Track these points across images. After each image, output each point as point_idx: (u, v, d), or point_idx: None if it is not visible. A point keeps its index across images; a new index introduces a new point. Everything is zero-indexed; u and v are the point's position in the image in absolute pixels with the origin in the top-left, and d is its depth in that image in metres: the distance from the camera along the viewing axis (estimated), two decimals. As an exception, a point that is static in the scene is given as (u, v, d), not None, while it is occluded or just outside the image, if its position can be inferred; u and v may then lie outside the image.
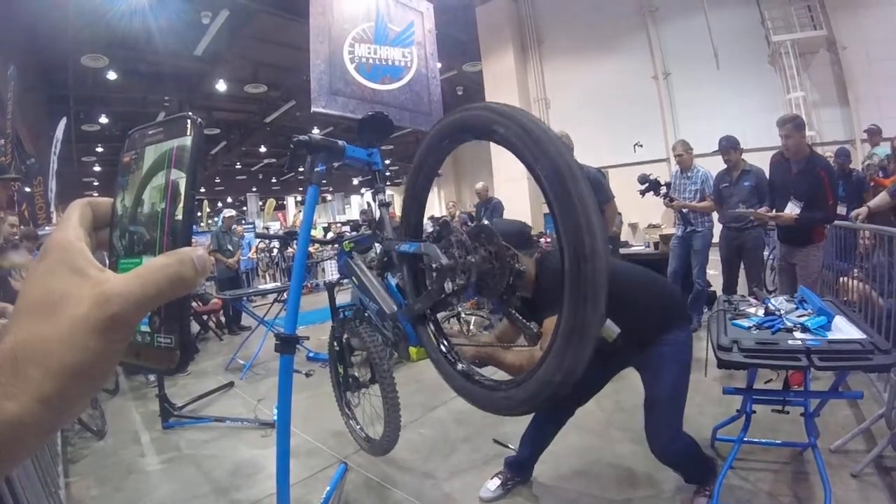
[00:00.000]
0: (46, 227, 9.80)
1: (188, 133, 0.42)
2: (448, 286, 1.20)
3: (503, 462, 2.84)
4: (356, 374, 2.95)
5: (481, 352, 1.79)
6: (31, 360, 0.31)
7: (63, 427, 3.33)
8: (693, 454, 2.46)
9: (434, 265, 1.19)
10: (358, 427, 3.02)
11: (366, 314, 2.39)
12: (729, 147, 5.10)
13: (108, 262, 0.43)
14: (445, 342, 1.36)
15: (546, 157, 0.87)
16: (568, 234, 0.85)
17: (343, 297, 3.87)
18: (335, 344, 2.86)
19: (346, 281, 2.48)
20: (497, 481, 2.76)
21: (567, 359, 0.90)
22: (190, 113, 0.44)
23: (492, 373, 1.36)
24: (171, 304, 0.38)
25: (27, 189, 11.44)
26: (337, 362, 2.91)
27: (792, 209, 4.13)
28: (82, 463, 3.51)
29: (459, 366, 1.30)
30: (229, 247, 7.67)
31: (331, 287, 3.07)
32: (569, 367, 0.90)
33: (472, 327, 5.29)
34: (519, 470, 2.79)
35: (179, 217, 0.40)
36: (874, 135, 7.34)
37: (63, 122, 12.34)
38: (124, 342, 0.35)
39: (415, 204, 1.40)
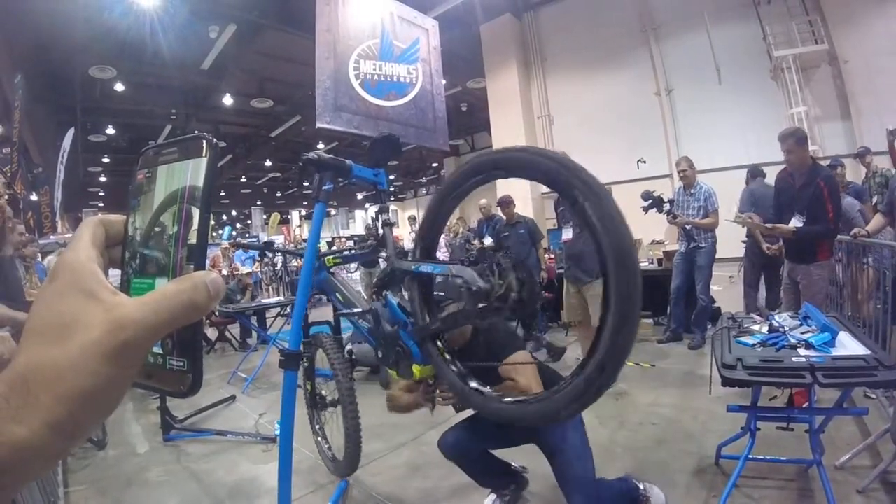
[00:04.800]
0: (51, 237, 9.85)
1: (203, 154, 0.42)
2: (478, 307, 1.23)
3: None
4: (322, 392, 2.91)
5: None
6: (42, 384, 0.31)
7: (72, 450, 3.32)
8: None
9: (473, 288, 1.21)
10: (326, 446, 2.97)
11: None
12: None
13: (120, 280, 0.43)
14: (455, 362, 1.38)
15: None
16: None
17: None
18: (304, 361, 2.81)
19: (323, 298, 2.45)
20: (493, 496, 2.74)
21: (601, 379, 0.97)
22: (206, 134, 0.43)
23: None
24: (184, 327, 0.38)
25: (33, 198, 11.52)
26: (305, 380, 2.87)
27: (795, 224, 4.05)
28: (82, 473, 3.49)
29: (471, 382, 1.31)
30: None
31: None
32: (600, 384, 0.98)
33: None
34: (504, 483, 2.77)
35: (193, 240, 0.40)
36: (864, 156, 7.33)
37: (71, 132, 12.43)
38: (136, 367, 0.35)
39: (434, 227, 1.42)
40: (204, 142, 0.42)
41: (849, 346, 2.35)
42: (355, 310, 2.03)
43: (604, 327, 0.93)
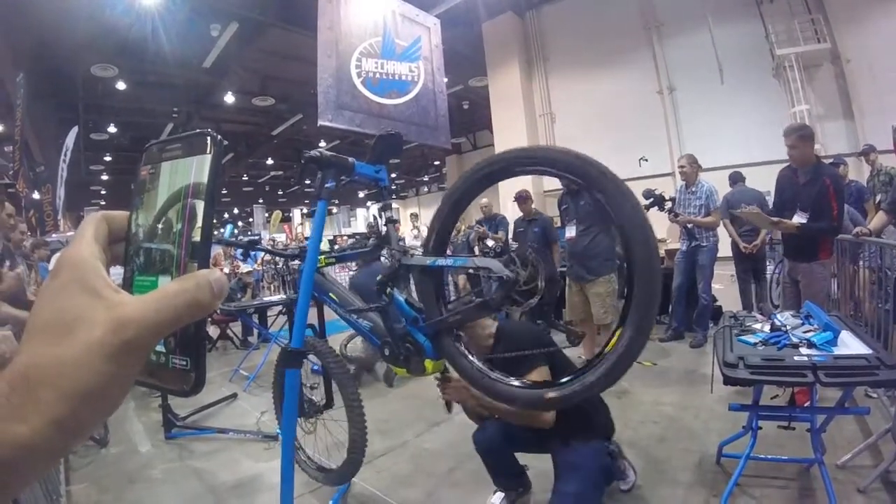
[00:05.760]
0: (53, 235, 9.87)
1: (208, 151, 0.41)
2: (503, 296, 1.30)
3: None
4: (313, 398, 2.86)
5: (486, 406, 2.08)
6: (44, 382, 0.31)
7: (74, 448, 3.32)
8: None
9: (503, 277, 1.26)
10: (306, 458, 2.90)
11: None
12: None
13: (123, 277, 0.42)
14: (469, 353, 1.41)
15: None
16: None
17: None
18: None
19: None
20: (500, 495, 2.74)
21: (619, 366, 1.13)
22: (210, 130, 0.42)
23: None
24: (187, 326, 0.37)
25: (35, 196, 11.53)
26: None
27: (798, 220, 4.01)
28: (84, 471, 3.50)
29: (489, 370, 1.37)
30: None
31: (290, 305, 2.95)
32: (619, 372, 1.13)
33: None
34: (512, 484, 2.77)
35: (197, 238, 0.39)
36: (868, 153, 7.28)
37: (74, 130, 12.43)
38: (138, 366, 0.35)
39: (446, 223, 1.44)
40: (208, 138, 0.42)
41: (851, 345, 2.34)
42: (356, 308, 2.02)
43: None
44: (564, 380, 1.25)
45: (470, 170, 1.37)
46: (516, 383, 1.34)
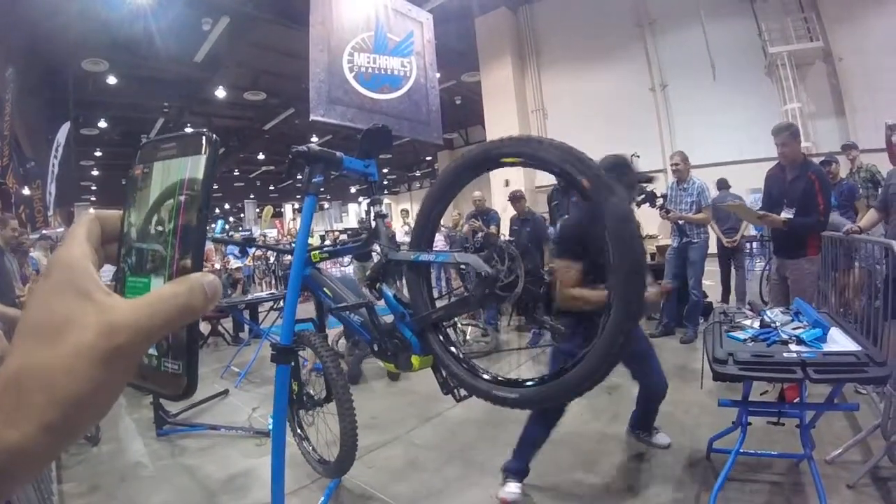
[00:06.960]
0: (43, 231, 9.78)
1: (203, 151, 0.40)
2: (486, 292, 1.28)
3: (502, 469, 2.79)
4: (311, 391, 2.87)
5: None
6: (35, 387, 0.30)
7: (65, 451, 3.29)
8: None
9: (482, 273, 1.24)
10: (310, 448, 2.93)
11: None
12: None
13: (115, 276, 0.42)
14: (454, 347, 1.40)
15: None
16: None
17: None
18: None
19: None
20: (514, 484, 2.67)
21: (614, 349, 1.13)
22: (206, 130, 0.42)
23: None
24: (180, 329, 0.37)
25: (25, 192, 11.41)
26: (290, 380, 2.80)
27: (786, 216, 4.05)
28: (75, 469, 3.47)
29: (472, 368, 1.35)
30: None
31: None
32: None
33: (468, 338, 5.29)
34: (525, 470, 2.75)
35: (190, 238, 0.39)
36: (849, 150, 7.31)
37: (66, 126, 12.30)
38: (130, 371, 0.34)
39: (430, 218, 1.43)
40: (204, 138, 0.41)
41: (840, 341, 2.35)
42: (343, 305, 2.00)
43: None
44: (535, 380, 1.27)
45: (450, 165, 1.38)
46: (500, 380, 1.33)
